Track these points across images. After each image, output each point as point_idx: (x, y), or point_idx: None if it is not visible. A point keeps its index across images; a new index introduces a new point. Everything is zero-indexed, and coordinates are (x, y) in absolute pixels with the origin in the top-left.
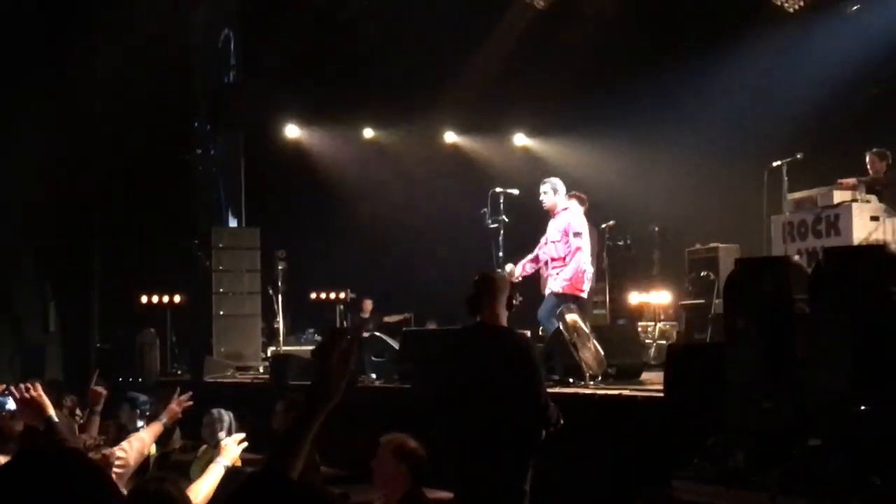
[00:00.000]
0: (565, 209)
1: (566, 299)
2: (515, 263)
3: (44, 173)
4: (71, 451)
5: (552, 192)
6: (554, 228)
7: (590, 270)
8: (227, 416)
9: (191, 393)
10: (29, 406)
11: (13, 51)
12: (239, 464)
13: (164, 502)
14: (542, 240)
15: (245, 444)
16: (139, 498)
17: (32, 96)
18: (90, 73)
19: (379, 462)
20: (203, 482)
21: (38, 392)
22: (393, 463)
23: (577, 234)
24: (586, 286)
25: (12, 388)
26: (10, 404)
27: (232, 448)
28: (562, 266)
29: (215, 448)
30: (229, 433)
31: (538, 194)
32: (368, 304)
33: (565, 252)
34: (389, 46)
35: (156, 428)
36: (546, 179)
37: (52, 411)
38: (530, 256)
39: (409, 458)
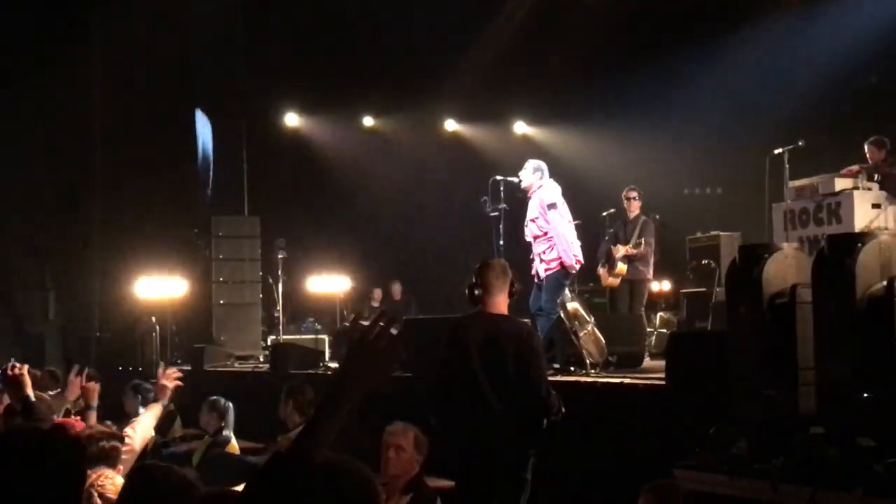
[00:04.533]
0: (539, 187)
1: (556, 277)
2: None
3: (43, 162)
4: (45, 431)
5: (531, 171)
6: (531, 206)
7: (576, 243)
8: (227, 406)
9: (174, 369)
10: (10, 385)
11: (9, 38)
12: (238, 451)
13: (169, 480)
14: (525, 224)
15: (179, 381)
16: (145, 475)
17: (30, 84)
18: (90, 60)
19: (397, 451)
20: (142, 421)
21: (22, 371)
22: (413, 453)
23: (551, 206)
24: (577, 253)
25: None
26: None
27: (168, 385)
28: (545, 243)
29: (214, 436)
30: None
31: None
32: (378, 293)
33: (546, 228)
34: (389, 34)
35: (155, 410)
36: (529, 161)
37: (29, 391)
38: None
39: (425, 447)
